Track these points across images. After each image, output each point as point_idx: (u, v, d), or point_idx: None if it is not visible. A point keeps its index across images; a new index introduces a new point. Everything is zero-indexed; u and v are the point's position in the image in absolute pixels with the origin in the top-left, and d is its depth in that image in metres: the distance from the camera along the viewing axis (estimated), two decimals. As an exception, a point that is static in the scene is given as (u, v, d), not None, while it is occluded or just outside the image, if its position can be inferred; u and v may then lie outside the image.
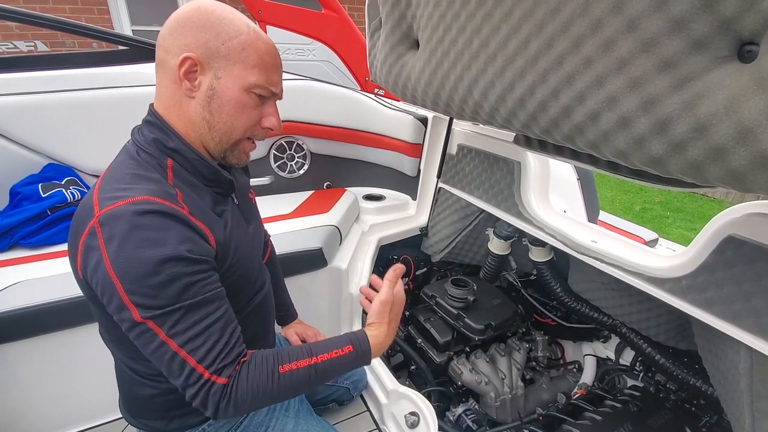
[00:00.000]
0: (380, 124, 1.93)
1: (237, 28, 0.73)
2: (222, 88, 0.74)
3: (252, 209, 0.99)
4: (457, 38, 0.84)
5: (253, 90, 0.76)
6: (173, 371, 0.69)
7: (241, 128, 0.78)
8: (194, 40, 0.71)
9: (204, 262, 0.70)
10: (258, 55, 0.75)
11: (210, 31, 0.72)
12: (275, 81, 0.79)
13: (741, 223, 0.86)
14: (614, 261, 1.11)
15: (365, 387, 1.35)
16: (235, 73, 0.74)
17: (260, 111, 0.80)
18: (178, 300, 0.67)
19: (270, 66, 0.77)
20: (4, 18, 1.34)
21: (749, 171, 0.50)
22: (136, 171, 0.72)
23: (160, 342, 0.67)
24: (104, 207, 0.66)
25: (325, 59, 1.95)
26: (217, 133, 0.77)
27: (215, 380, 0.70)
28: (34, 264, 1.23)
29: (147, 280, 0.64)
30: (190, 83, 0.73)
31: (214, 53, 0.72)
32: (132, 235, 0.64)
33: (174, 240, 0.66)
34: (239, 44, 0.73)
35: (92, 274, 0.67)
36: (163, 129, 0.75)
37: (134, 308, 0.65)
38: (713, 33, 0.50)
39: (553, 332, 1.72)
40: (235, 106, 0.76)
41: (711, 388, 1.18)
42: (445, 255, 1.87)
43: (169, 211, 0.68)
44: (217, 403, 0.70)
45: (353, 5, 6.20)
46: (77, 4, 4.78)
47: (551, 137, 0.76)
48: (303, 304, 1.34)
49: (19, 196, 1.35)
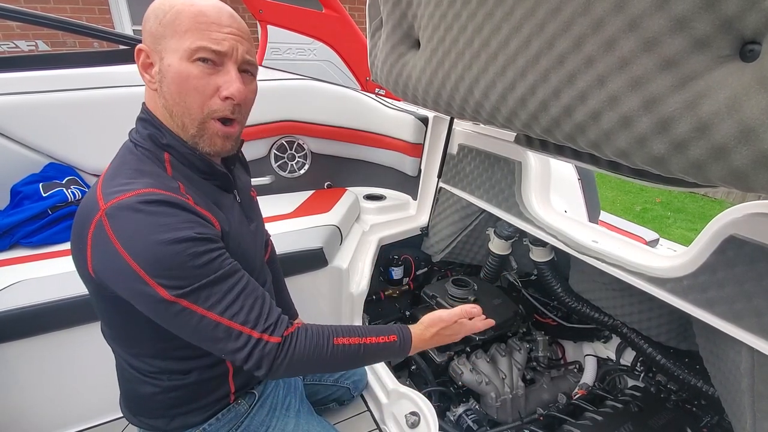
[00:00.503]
0: (381, 124, 1.93)
1: (171, 3, 0.70)
2: (165, 67, 0.71)
3: (254, 208, 0.99)
4: (458, 37, 0.84)
5: (194, 57, 0.69)
6: (220, 340, 0.70)
7: (196, 104, 0.72)
8: (146, 32, 0.72)
9: (216, 241, 0.72)
10: (190, 19, 0.69)
11: (152, 18, 0.71)
12: (217, 38, 0.70)
13: (742, 223, 0.86)
14: (615, 261, 1.11)
15: (366, 387, 1.35)
16: (172, 46, 0.70)
17: (213, 80, 0.72)
18: (204, 275, 0.68)
19: (206, 24, 0.70)
20: (5, 17, 1.34)
21: (751, 170, 0.50)
22: (137, 167, 0.73)
23: (200, 317, 0.68)
24: (109, 200, 0.66)
25: (326, 59, 1.94)
26: (177, 117, 0.73)
27: (268, 339, 0.73)
28: (35, 263, 1.23)
29: (170, 261, 0.65)
30: (149, 75, 0.74)
31: (156, 37, 0.71)
32: (143, 222, 0.65)
33: (184, 224, 0.67)
34: (172, 17, 0.70)
35: (105, 267, 0.67)
36: (155, 125, 0.76)
37: (163, 290, 0.65)
38: (715, 32, 0.50)
39: (553, 332, 1.72)
40: (180, 80, 0.70)
41: (712, 389, 1.18)
42: (445, 255, 1.87)
43: (174, 200, 0.68)
44: (272, 361, 0.73)
45: (354, 5, 6.20)
46: (78, 4, 4.78)
47: (552, 137, 0.76)
48: (303, 304, 1.34)
49: (20, 195, 1.35)
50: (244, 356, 0.71)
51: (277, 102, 1.79)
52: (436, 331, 0.94)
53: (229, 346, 0.70)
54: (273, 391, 1.02)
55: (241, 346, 0.71)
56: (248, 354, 0.71)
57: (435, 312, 0.97)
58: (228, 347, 0.70)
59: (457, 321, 0.97)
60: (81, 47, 4.81)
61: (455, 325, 0.97)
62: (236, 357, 0.71)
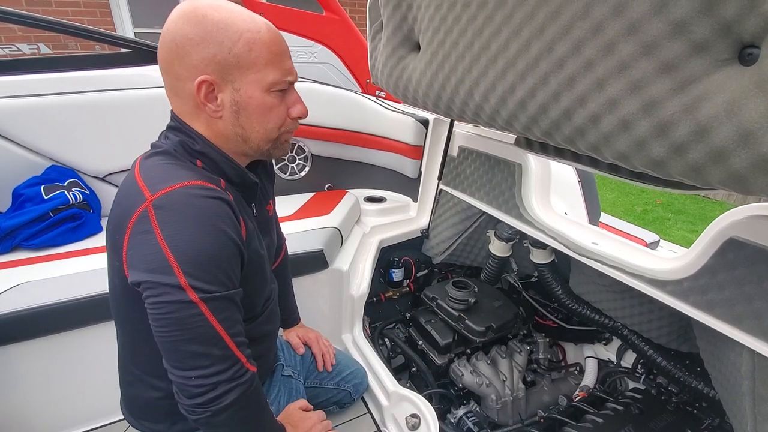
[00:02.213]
0: (381, 126, 1.94)
1: (236, 29, 0.69)
2: (245, 99, 0.72)
3: (268, 222, 0.98)
4: (458, 40, 0.85)
5: (273, 89, 0.74)
6: (212, 355, 0.69)
7: (275, 129, 0.78)
8: (201, 59, 0.68)
9: (242, 254, 0.73)
10: (267, 50, 0.71)
11: (212, 44, 0.68)
12: (289, 67, 0.76)
13: (743, 225, 0.86)
14: (615, 263, 1.11)
15: (366, 389, 1.35)
16: (252, 79, 0.71)
17: (284, 104, 0.78)
18: (230, 286, 0.69)
19: (280, 55, 0.73)
20: (7, 21, 1.34)
21: (750, 174, 0.50)
22: (176, 162, 0.73)
23: (209, 325, 0.67)
24: (157, 191, 0.66)
25: (327, 62, 1.95)
26: (254, 141, 0.77)
27: (249, 368, 0.74)
28: (37, 266, 1.23)
29: (207, 263, 0.65)
30: (213, 105, 0.72)
31: (225, 66, 0.69)
32: (190, 218, 0.65)
33: (229, 227, 0.68)
34: (245, 46, 0.69)
35: (141, 257, 0.66)
36: (188, 133, 0.75)
37: (191, 290, 0.65)
38: (714, 36, 0.50)
39: (554, 334, 1.72)
40: (263, 112, 0.74)
41: (713, 391, 1.17)
42: (446, 257, 1.87)
43: (220, 195, 0.69)
44: (245, 391, 0.72)
45: (354, 8, 6.22)
46: (80, 7, 4.80)
47: (552, 139, 0.76)
48: (304, 306, 1.34)
49: (22, 197, 1.36)
50: (225, 378, 0.69)
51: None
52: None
53: (216, 366, 0.69)
54: (276, 397, 1.03)
55: (227, 368, 0.70)
56: (230, 377, 0.70)
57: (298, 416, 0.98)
58: (216, 366, 0.69)
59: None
60: (82, 50, 4.83)
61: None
62: (214, 378, 0.69)
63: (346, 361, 1.31)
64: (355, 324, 1.60)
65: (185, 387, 0.70)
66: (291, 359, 1.17)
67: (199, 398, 0.69)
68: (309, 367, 1.22)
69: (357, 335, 1.59)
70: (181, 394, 0.71)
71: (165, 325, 0.68)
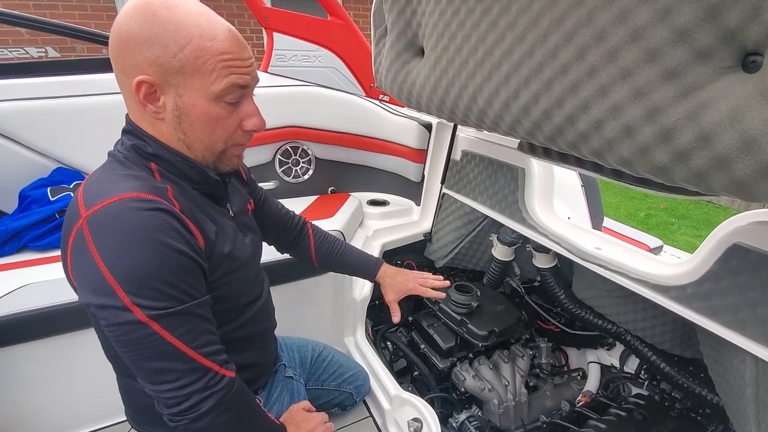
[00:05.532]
0: (385, 130, 1.94)
1: (186, 33, 0.64)
2: (188, 106, 0.68)
3: (249, 221, 0.96)
4: (462, 46, 0.85)
5: (222, 99, 0.69)
6: (177, 370, 0.67)
7: (221, 140, 0.73)
8: (144, 58, 0.64)
9: (196, 260, 0.68)
10: (217, 60, 0.66)
11: (157, 45, 0.63)
12: (241, 74, 0.69)
13: (746, 231, 0.86)
14: (618, 268, 1.11)
15: (368, 392, 1.35)
16: (197, 86, 0.66)
17: (236, 115, 0.72)
18: (185, 299, 0.66)
19: (230, 62, 0.67)
20: (15, 24, 1.36)
21: (753, 180, 0.50)
22: (122, 171, 0.69)
23: (167, 343, 0.64)
24: (91, 207, 0.62)
25: (331, 66, 1.96)
26: (198, 150, 0.73)
27: (224, 374, 0.72)
28: (43, 267, 1.24)
29: (149, 280, 0.62)
30: (153, 106, 0.68)
31: (167, 70, 0.65)
32: (125, 233, 0.61)
33: (173, 238, 0.64)
34: (192, 53, 0.64)
35: (82, 277, 0.64)
36: (140, 136, 0.72)
37: (138, 310, 0.61)
38: (717, 43, 0.50)
39: (557, 339, 1.72)
40: (207, 122, 0.69)
41: (717, 397, 1.17)
42: (448, 261, 1.87)
43: (160, 206, 0.64)
44: (223, 397, 0.71)
45: (359, 12, 6.25)
46: (87, 10, 4.84)
47: (555, 145, 0.76)
48: (306, 309, 1.34)
49: (28, 199, 1.37)
50: (198, 388, 0.67)
51: (282, 108, 1.81)
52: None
53: (185, 379, 0.67)
54: (279, 397, 1.03)
55: (198, 378, 0.68)
56: (203, 387, 0.68)
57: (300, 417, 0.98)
58: (186, 378, 0.67)
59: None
60: (89, 53, 4.87)
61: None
62: (186, 389, 0.67)
63: (348, 363, 1.32)
64: (357, 327, 1.61)
65: (160, 399, 0.69)
66: (292, 360, 1.18)
67: (175, 408, 0.68)
68: (310, 368, 1.22)
69: (359, 339, 1.59)
70: (159, 404, 0.70)
71: (123, 346, 0.65)
